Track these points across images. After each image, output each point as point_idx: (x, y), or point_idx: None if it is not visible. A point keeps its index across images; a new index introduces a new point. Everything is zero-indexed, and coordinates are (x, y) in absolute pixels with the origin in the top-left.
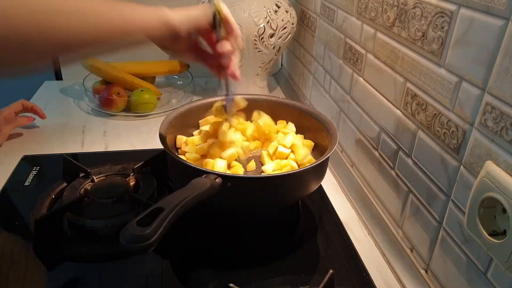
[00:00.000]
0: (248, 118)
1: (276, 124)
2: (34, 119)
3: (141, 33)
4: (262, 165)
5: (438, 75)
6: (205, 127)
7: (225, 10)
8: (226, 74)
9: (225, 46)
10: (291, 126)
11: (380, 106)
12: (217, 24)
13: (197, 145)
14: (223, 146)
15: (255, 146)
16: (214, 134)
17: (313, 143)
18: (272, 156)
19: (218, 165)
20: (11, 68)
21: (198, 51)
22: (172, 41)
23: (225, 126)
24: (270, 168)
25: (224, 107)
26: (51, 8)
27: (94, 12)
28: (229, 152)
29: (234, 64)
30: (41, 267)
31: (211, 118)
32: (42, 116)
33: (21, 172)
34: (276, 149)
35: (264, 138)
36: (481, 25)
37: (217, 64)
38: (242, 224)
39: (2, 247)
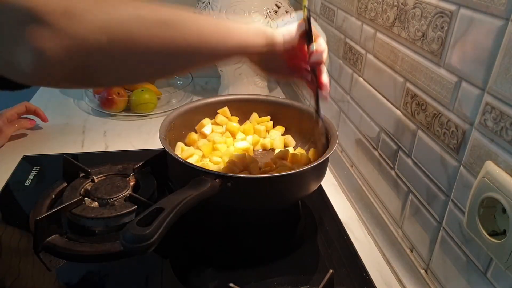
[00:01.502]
0: (247, 118)
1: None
2: (36, 122)
3: (244, 47)
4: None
5: (438, 75)
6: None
7: (315, 26)
8: (318, 85)
9: (317, 57)
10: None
11: (380, 106)
12: (310, 39)
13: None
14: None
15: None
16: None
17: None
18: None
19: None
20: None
21: (291, 65)
22: (269, 56)
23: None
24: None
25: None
26: (161, 19)
27: (202, 23)
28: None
29: (324, 76)
30: (41, 267)
31: (206, 121)
32: (44, 119)
33: (21, 172)
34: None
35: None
36: (481, 25)
37: (308, 78)
38: (242, 224)
39: (2, 247)
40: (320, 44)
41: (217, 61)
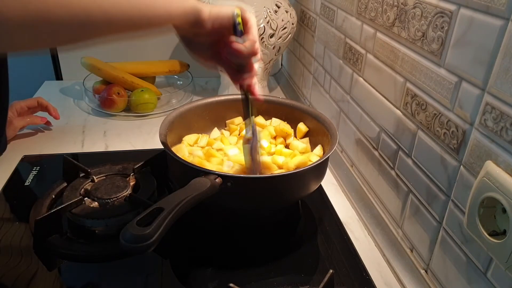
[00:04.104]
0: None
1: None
2: (47, 120)
3: (167, 16)
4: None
5: (438, 75)
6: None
7: (247, 15)
8: (247, 89)
9: (239, 45)
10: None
11: (380, 106)
12: (236, 27)
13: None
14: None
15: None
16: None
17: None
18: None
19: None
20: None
21: (218, 53)
22: (195, 32)
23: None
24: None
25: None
26: None
27: None
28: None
29: (253, 79)
30: (41, 267)
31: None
32: (55, 117)
33: (21, 172)
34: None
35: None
36: (481, 25)
37: (235, 74)
38: (242, 224)
39: (2, 247)
40: (253, 35)
41: (138, 31)
